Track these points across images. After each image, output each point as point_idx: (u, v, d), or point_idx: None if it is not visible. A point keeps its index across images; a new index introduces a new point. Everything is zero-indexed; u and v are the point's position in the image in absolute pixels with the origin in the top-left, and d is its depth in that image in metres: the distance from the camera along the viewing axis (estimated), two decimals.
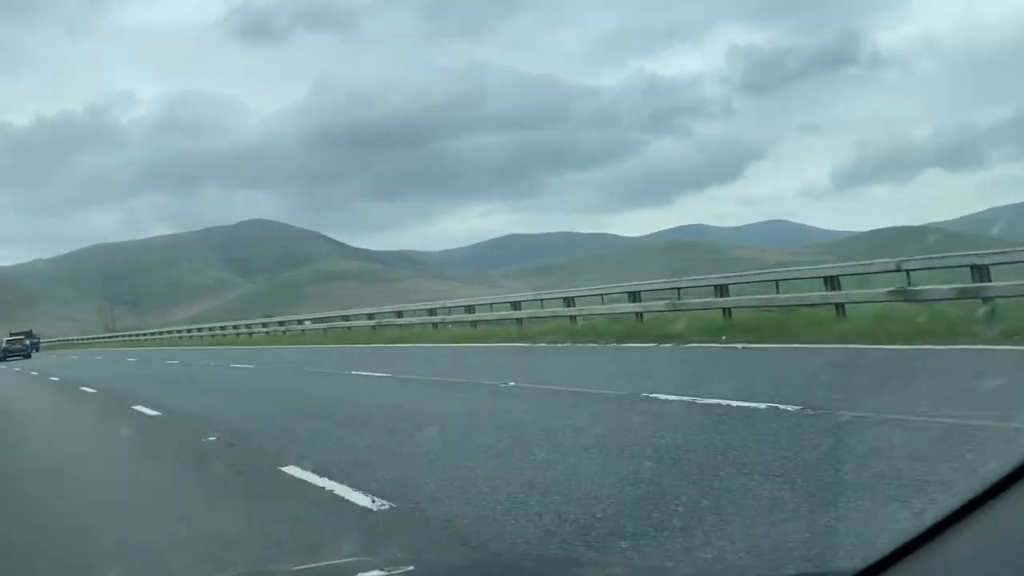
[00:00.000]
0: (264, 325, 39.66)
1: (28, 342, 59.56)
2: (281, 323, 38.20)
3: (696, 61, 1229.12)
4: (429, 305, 27.73)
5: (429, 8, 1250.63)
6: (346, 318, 32.62)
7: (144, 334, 66.33)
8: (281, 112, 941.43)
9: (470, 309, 24.01)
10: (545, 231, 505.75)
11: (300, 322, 36.11)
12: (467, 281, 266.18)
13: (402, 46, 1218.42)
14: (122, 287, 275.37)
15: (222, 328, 47.76)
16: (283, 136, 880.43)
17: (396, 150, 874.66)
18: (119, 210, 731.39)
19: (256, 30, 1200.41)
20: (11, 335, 61.55)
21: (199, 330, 52.29)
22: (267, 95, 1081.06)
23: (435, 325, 25.00)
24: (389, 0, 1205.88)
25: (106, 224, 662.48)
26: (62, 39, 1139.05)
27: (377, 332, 27.80)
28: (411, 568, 2.21)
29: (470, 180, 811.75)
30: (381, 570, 2.01)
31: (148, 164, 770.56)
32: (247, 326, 43.58)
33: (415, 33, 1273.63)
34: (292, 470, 6.87)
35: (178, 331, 58.03)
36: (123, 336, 73.26)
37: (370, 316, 30.74)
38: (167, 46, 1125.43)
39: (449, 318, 24.72)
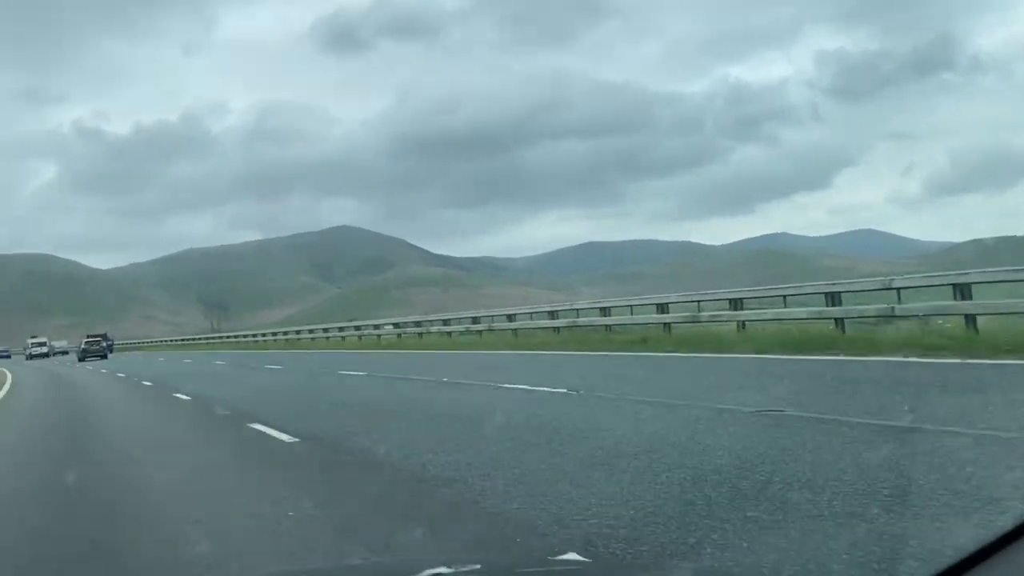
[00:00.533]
0: (418, 324, 35.14)
1: (104, 344, 61.00)
2: (446, 322, 33.57)
3: (783, 66, 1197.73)
4: (602, 304, 24.01)
5: (512, 17, 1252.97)
6: (491, 318, 28.89)
7: (247, 335, 64.68)
8: (366, 121, 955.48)
9: (662, 308, 20.02)
10: (625, 238, 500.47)
11: (476, 319, 31.35)
12: (549, 288, 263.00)
13: (484, 54, 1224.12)
14: (214, 290, 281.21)
15: (334, 329, 44.99)
16: (368, 144, 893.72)
17: (477, 157, 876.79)
18: (211, 216, 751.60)
19: (342, 41, 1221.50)
20: (88, 337, 64.22)
21: (298, 332, 50.45)
22: (352, 104, 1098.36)
23: (608, 328, 21.24)
24: (473, 9, 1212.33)
25: (199, 229, 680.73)
26: (157, 52, 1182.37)
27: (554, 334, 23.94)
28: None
29: (550, 187, 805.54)
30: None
31: (239, 172, 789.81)
32: (376, 327, 40.15)
33: (497, 41, 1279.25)
34: None
35: (273, 333, 56.73)
36: (221, 338, 72.05)
37: (539, 315, 26.89)
38: (258, 57, 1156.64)
39: (667, 317, 20.17)
